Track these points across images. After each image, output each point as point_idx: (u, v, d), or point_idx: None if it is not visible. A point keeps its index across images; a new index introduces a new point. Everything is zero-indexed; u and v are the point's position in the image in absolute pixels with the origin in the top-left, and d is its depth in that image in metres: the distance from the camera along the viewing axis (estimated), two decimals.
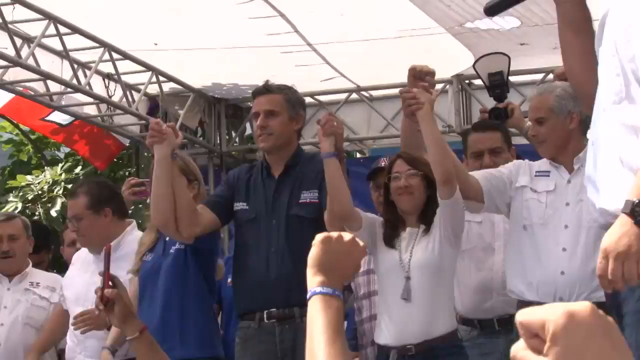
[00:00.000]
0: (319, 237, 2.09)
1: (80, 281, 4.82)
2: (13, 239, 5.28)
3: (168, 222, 4.17)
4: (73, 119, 7.21)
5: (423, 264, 3.92)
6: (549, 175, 4.09)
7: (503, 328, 4.38)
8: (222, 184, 4.64)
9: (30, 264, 5.39)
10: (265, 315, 4.15)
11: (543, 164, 4.17)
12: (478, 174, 4.14)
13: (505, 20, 5.95)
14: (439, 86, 6.80)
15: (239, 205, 4.31)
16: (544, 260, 3.96)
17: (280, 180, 4.29)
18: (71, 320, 4.71)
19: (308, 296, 2.01)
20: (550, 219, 4.00)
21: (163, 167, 4.15)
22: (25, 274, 5.30)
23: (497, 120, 4.99)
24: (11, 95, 6.70)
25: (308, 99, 7.21)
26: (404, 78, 7.05)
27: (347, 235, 2.09)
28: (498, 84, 5.54)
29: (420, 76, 4.09)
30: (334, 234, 2.09)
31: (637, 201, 2.24)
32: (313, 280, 2.02)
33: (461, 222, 4.05)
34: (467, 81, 7.14)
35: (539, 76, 7.08)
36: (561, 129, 4.02)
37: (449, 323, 3.96)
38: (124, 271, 4.60)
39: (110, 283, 3.18)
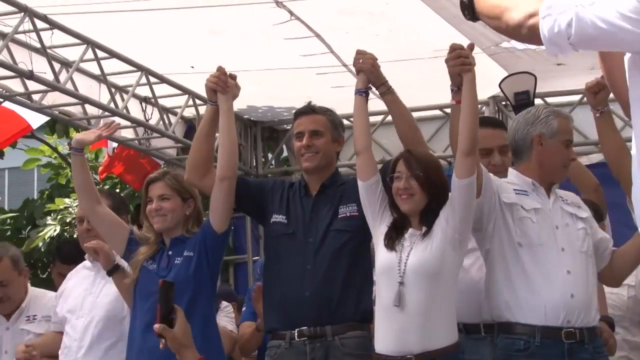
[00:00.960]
0: None
1: (77, 291, 4.80)
2: (2, 285, 5.21)
3: (235, 173, 4.31)
4: (115, 146, 7.28)
5: (418, 268, 3.80)
6: (528, 195, 4.06)
7: (488, 335, 4.29)
8: (259, 181, 4.63)
9: (29, 293, 5.30)
10: (296, 334, 4.12)
11: (516, 182, 4.11)
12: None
13: None
14: None
15: (278, 218, 4.31)
16: (552, 282, 3.92)
17: (317, 199, 4.30)
18: (66, 332, 4.72)
19: None
20: (546, 239, 3.97)
21: (230, 117, 4.33)
22: (22, 309, 5.25)
23: None
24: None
25: (344, 122, 7.21)
26: (439, 99, 7.06)
27: None
28: (524, 104, 5.49)
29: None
30: None
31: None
32: None
33: (471, 212, 3.90)
34: (503, 102, 7.11)
35: (576, 97, 7.03)
36: None
37: (450, 334, 3.84)
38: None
39: (166, 317, 3.08)
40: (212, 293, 4.41)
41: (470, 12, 2.61)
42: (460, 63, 3.89)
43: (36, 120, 6.88)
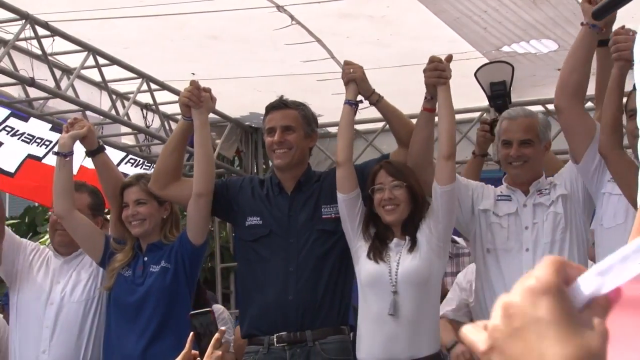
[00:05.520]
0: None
1: (40, 281, 4.61)
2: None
3: (212, 189, 4.21)
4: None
5: (410, 277, 3.85)
6: (510, 199, 4.17)
7: None
8: (224, 183, 4.48)
9: None
10: (275, 339, 4.04)
11: (503, 188, 4.24)
12: None
13: (543, 44, 5.90)
14: (475, 114, 6.78)
15: (253, 220, 4.20)
16: (510, 286, 3.98)
17: (294, 197, 4.21)
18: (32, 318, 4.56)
19: None
20: (513, 243, 4.10)
21: (205, 132, 4.25)
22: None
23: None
24: None
25: None
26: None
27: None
28: (500, 94, 5.35)
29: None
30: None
31: None
32: None
33: (452, 220, 3.99)
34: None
35: None
36: (541, 155, 4.19)
37: (434, 342, 3.89)
38: (86, 272, 4.54)
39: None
40: (188, 304, 4.32)
41: None
42: (436, 75, 4.02)
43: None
